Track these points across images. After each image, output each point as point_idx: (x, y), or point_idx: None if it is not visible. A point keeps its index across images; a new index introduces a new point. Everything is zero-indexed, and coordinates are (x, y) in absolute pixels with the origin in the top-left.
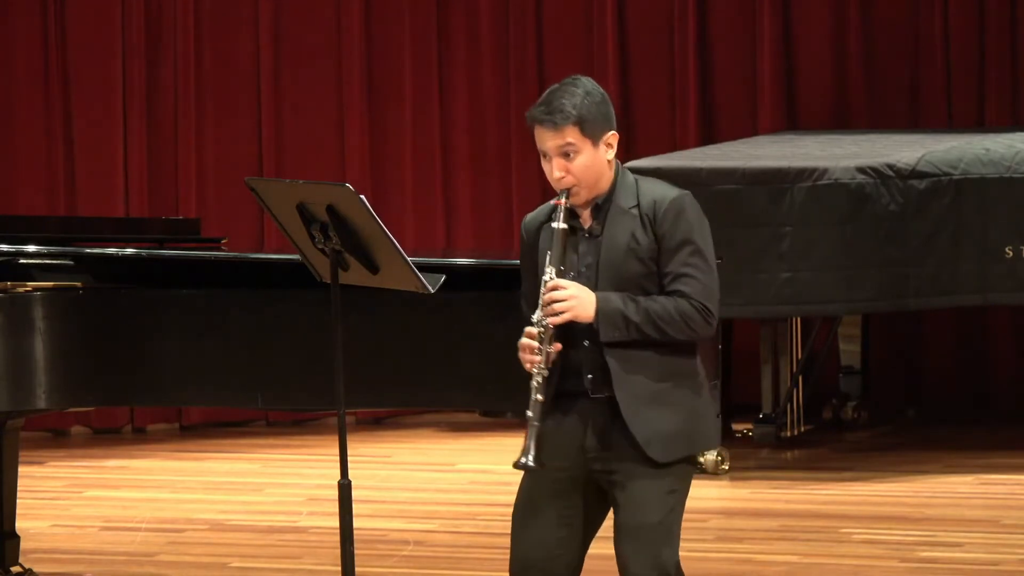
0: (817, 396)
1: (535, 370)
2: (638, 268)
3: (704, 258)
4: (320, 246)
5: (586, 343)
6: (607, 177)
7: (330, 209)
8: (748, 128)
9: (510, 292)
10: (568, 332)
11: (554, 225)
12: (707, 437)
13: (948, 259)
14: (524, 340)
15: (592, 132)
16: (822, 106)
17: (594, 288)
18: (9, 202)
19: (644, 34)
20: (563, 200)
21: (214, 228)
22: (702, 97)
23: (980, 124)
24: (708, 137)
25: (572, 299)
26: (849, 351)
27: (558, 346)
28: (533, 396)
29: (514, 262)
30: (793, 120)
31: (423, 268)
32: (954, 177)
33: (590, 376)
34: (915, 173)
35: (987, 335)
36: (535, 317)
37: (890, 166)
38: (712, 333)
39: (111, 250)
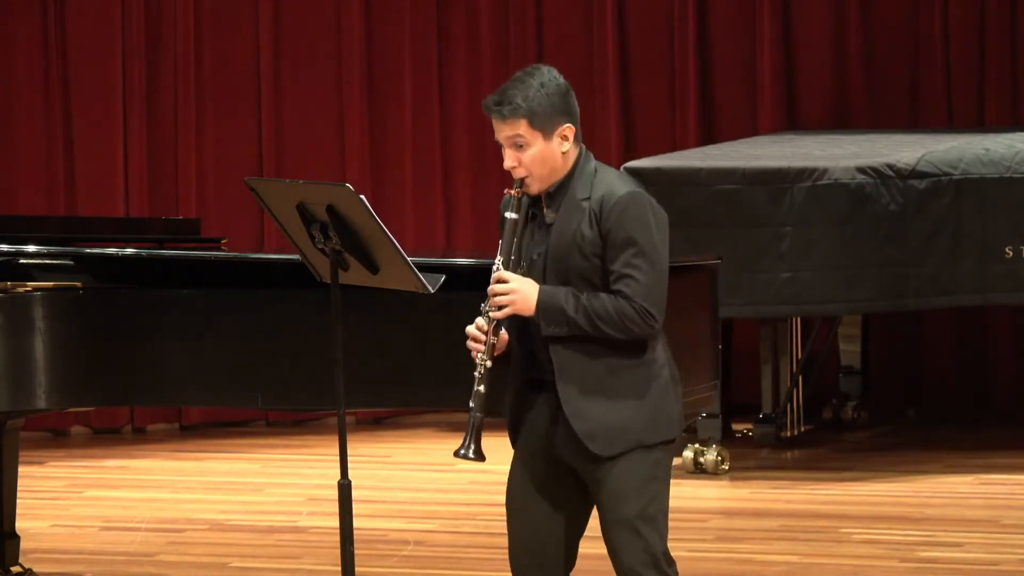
0: (817, 396)
1: (478, 359)
2: (582, 262)
3: (648, 259)
4: (320, 246)
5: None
6: (563, 167)
7: (330, 209)
8: (748, 128)
9: None
10: (526, 321)
11: (506, 215)
12: (661, 426)
13: (948, 259)
14: (471, 329)
15: (543, 125)
16: (822, 106)
17: (542, 278)
18: (9, 202)
19: (644, 34)
20: (516, 190)
21: (214, 228)
22: (702, 97)
23: (980, 124)
24: (708, 137)
25: (513, 293)
26: (849, 351)
27: (504, 337)
28: (475, 387)
29: None
30: (793, 120)
31: (423, 268)
32: (954, 177)
33: (550, 367)
34: (915, 173)
35: (987, 335)
36: (483, 307)
37: (890, 166)
38: (655, 334)
39: (111, 250)
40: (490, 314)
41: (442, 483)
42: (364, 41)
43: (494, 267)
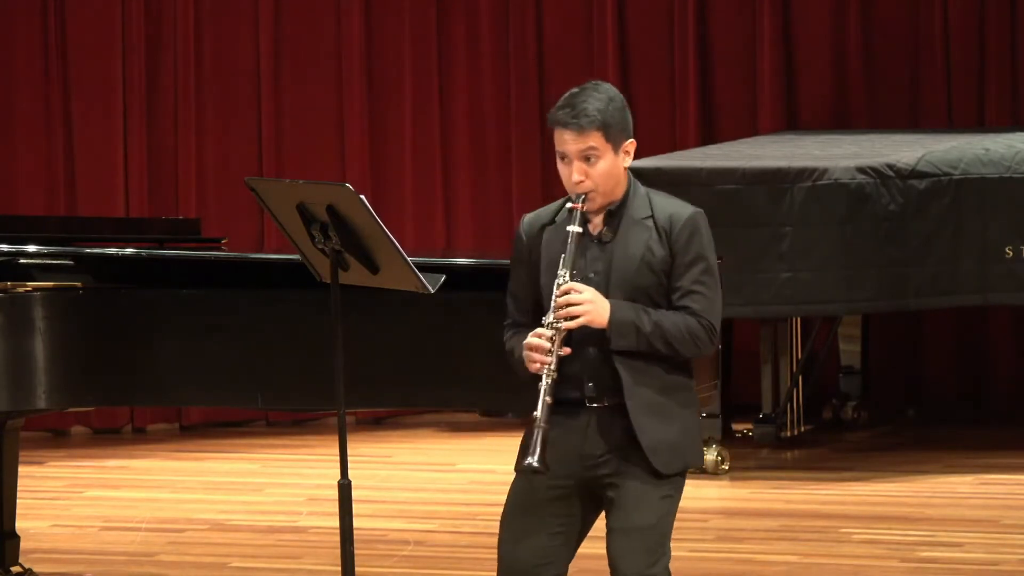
0: (817, 396)
1: (544, 371)
2: (650, 279)
3: (713, 277)
4: (320, 246)
5: (591, 350)
6: (622, 185)
7: (330, 209)
8: (748, 128)
9: None
10: (570, 338)
11: (569, 228)
12: (697, 453)
13: (948, 259)
14: (534, 340)
15: (614, 138)
16: (822, 106)
17: (604, 295)
18: (9, 202)
19: (644, 34)
20: (579, 204)
21: (214, 228)
22: (702, 97)
23: (980, 124)
24: (708, 137)
25: (588, 303)
26: (849, 351)
27: (567, 349)
28: (542, 398)
29: None
30: (793, 120)
31: (423, 268)
32: (954, 177)
33: (591, 384)
34: (915, 173)
35: (987, 335)
36: (547, 319)
37: (890, 166)
38: (714, 352)
39: (111, 250)
40: (559, 325)
41: (442, 483)
42: (364, 41)
43: (559, 279)
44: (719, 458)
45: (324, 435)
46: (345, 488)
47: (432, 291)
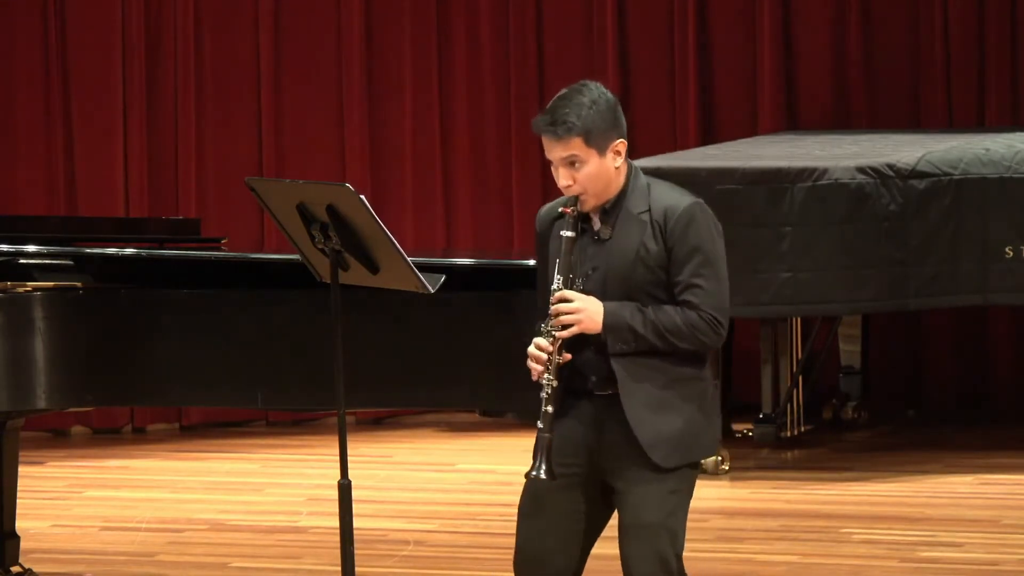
0: (817, 396)
1: (543, 381)
2: (646, 276)
3: (713, 268)
4: (320, 246)
5: (591, 350)
6: (616, 183)
7: (330, 209)
8: (748, 128)
9: (510, 292)
10: (575, 337)
11: (563, 233)
12: (707, 445)
13: (948, 259)
14: (533, 350)
15: (597, 142)
16: (822, 106)
17: (602, 293)
18: (9, 202)
19: (644, 34)
20: (571, 209)
21: (214, 228)
22: (702, 97)
23: (980, 124)
24: (708, 137)
25: (579, 312)
26: (849, 351)
27: (567, 356)
28: (543, 407)
29: (514, 262)
30: (793, 120)
31: (423, 268)
32: (954, 177)
33: (594, 379)
34: (915, 173)
35: (987, 335)
36: (544, 327)
37: (890, 166)
38: (721, 343)
39: (111, 250)
40: (555, 333)
41: (442, 483)
42: (364, 41)
43: (553, 286)
44: (719, 458)
45: (324, 435)
46: (345, 488)
47: (432, 291)
